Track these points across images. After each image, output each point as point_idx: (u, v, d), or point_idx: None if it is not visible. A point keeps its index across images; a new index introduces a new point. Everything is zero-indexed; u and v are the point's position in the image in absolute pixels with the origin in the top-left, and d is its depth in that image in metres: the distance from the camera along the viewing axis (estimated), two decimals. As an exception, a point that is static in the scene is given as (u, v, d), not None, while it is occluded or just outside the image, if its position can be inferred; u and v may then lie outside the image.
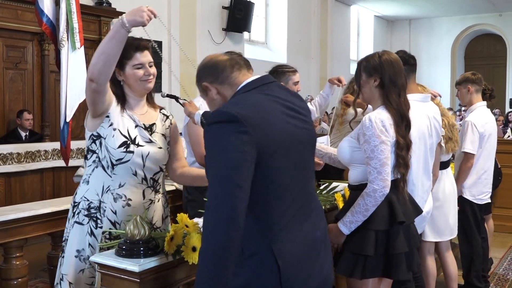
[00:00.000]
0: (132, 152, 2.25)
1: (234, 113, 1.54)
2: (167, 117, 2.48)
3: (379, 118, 2.37)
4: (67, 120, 4.29)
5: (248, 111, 1.57)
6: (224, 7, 9.59)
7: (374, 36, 15.45)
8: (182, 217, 1.95)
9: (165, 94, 2.67)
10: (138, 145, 2.27)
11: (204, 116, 2.35)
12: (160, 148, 2.35)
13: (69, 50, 4.27)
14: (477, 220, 3.96)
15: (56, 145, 5.56)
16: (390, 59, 2.46)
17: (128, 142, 2.25)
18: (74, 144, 5.88)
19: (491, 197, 4.60)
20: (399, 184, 2.43)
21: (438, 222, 3.49)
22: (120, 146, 2.24)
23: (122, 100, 2.31)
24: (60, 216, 2.97)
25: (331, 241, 2.38)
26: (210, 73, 1.78)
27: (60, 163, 5.62)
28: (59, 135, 4.54)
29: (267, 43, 11.56)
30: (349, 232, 2.38)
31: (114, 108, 2.27)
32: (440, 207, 3.48)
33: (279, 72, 3.53)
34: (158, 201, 2.40)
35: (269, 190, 1.61)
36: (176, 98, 2.65)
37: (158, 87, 6.78)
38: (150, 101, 2.45)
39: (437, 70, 14.40)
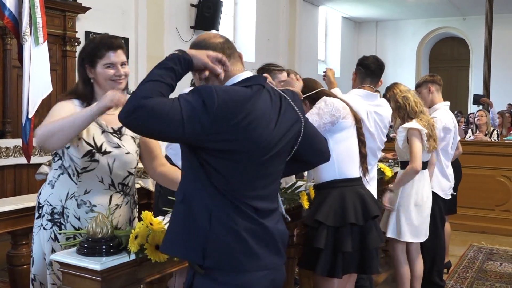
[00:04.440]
0: (97, 161, 2.20)
1: (214, 96, 1.59)
2: None
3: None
4: (29, 116, 4.19)
5: (229, 104, 1.60)
6: (192, 5, 9.53)
7: (342, 37, 15.60)
8: (147, 215, 1.94)
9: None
10: (104, 152, 2.21)
11: None
12: (128, 153, 2.29)
13: (32, 45, 4.17)
14: (442, 215, 4.06)
15: (18, 142, 5.42)
16: None
17: (93, 150, 2.19)
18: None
19: (456, 197, 4.69)
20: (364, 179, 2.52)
21: (416, 223, 3.55)
22: (84, 156, 2.18)
23: (90, 100, 2.23)
24: (21, 214, 2.90)
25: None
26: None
27: (22, 160, 5.50)
28: (20, 131, 4.43)
29: (235, 42, 11.53)
30: None
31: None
32: (419, 208, 3.55)
33: (266, 70, 3.50)
34: (126, 204, 2.35)
35: (213, 182, 1.65)
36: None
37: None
38: None
39: (402, 72, 14.60)
